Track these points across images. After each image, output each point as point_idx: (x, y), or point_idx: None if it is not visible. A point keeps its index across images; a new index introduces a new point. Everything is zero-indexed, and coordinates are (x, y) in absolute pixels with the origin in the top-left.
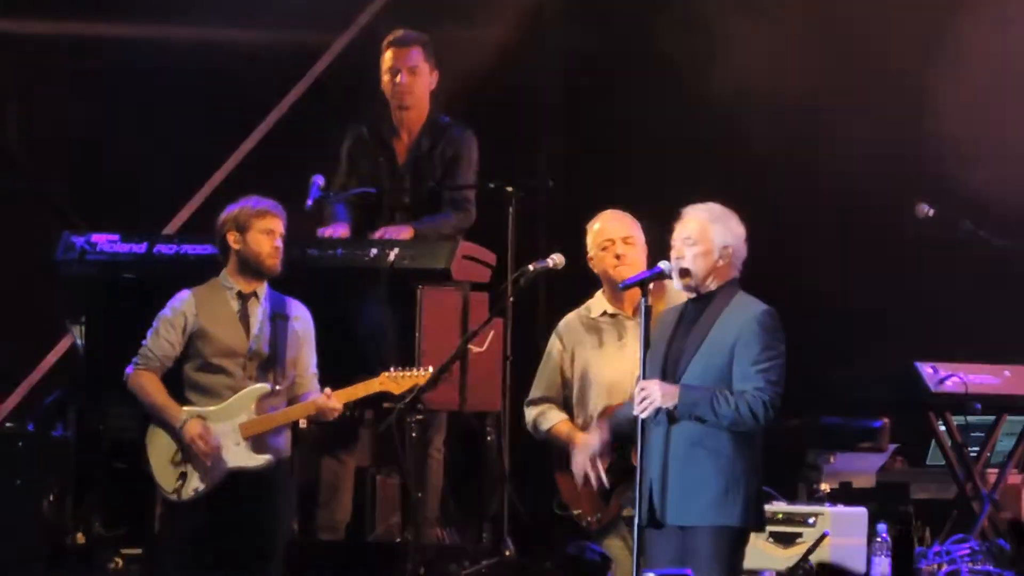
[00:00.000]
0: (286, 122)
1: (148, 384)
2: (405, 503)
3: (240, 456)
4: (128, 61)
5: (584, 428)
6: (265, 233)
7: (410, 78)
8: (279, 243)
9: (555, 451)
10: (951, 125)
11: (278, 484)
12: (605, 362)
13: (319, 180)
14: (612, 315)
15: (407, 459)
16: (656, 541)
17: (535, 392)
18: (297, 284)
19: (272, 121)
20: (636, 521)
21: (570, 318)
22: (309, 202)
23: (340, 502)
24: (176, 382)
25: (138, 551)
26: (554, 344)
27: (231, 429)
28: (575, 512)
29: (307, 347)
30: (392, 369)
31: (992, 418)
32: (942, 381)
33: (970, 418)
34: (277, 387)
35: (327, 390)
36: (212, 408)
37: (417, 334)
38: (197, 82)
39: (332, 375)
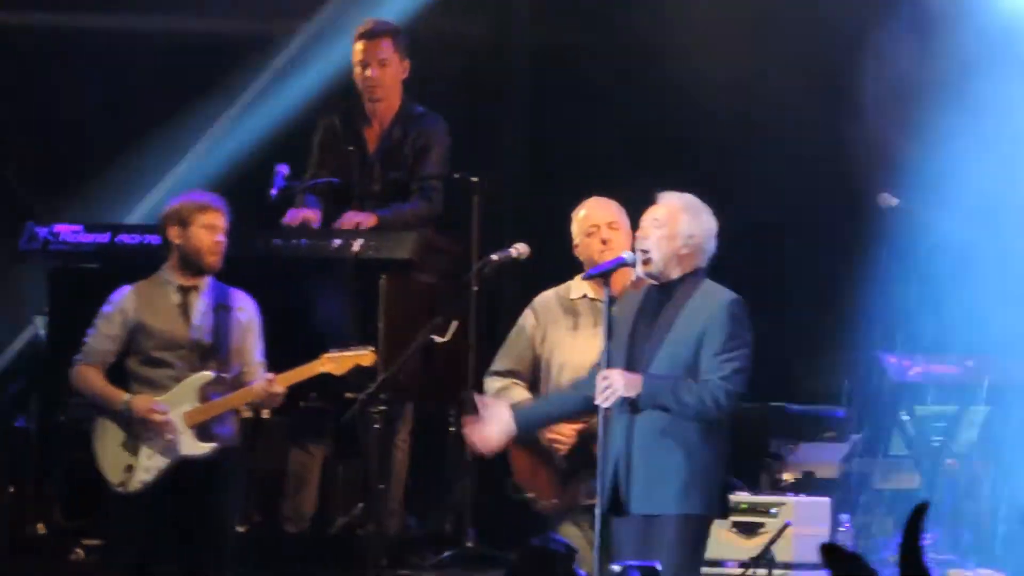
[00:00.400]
0: (250, 111)
1: (89, 376)
2: (368, 494)
3: (186, 445)
4: (92, 49)
5: None
6: (206, 228)
7: (380, 71)
8: (221, 238)
9: None
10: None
11: (226, 473)
12: (576, 346)
13: (283, 170)
14: (592, 300)
15: (370, 450)
16: (618, 529)
17: (500, 364)
18: (262, 274)
19: (236, 110)
20: (598, 511)
21: (548, 295)
22: (273, 192)
23: (307, 494)
24: (122, 377)
25: (99, 542)
26: (528, 318)
27: (176, 418)
28: (529, 495)
29: (252, 336)
30: (331, 350)
31: (955, 407)
32: (905, 371)
33: (933, 408)
34: (222, 375)
35: (269, 374)
36: (156, 399)
37: (380, 324)
38: (160, 72)
39: (295, 366)
